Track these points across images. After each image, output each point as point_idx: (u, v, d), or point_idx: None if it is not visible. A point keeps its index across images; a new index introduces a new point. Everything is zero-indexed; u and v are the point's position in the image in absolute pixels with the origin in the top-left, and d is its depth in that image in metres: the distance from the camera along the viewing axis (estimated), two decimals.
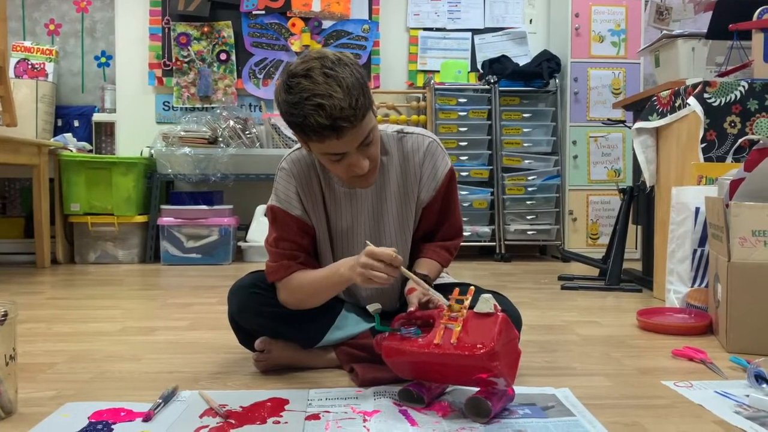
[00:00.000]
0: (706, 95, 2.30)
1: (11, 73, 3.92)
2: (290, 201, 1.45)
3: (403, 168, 1.48)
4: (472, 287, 1.28)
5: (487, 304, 1.18)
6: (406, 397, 1.24)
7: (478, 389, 1.17)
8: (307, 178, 1.45)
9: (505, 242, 4.03)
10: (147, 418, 1.17)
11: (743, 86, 2.29)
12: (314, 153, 1.33)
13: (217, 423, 1.16)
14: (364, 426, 1.14)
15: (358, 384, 1.38)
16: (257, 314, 1.46)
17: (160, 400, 1.24)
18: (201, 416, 1.19)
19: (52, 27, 4.36)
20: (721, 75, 2.51)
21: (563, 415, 1.20)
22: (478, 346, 1.12)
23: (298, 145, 1.46)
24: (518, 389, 1.27)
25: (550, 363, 1.62)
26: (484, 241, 4.03)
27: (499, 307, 1.19)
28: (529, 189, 4.06)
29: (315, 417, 1.19)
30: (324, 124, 1.19)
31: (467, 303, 1.21)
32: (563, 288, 2.86)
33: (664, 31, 2.97)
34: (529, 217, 4.07)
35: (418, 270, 1.46)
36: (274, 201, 1.46)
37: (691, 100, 2.32)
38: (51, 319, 2.18)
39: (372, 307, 1.24)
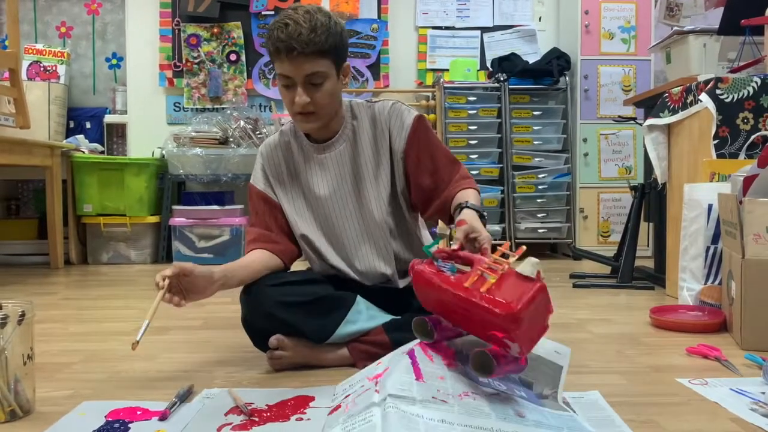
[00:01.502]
0: (718, 91, 2.29)
1: (24, 76, 3.96)
2: (260, 179, 1.64)
3: (372, 129, 1.59)
4: (524, 246, 1.23)
5: (531, 268, 1.11)
6: (418, 328, 1.22)
7: (490, 346, 1.12)
8: (275, 157, 1.63)
9: (516, 240, 4.02)
10: (163, 417, 1.18)
11: (756, 82, 2.28)
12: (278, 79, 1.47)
13: (241, 420, 1.17)
14: (375, 390, 1.10)
15: None
16: (270, 308, 1.47)
17: (176, 399, 1.25)
18: (226, 414, 1.20)
19: (63, 29, 4.39)
20: (734, 71, 2.49)
21: (558, 408, 1.14)
22: (504, 303, 1.07)
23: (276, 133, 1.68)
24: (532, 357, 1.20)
25: None
26: (495, 240, 4.02)
27: (542, 275, 1.12)
28: (540, 187, 4.05)
29: (336, 408, 1.17)
30: (281, 39, 1.38)
31: (512, 260, 1.15)
32: (575, 286, 2.86)
33: (675, 28, 2.95)
34: (539, 215, 4.06)
35: (461, 201, 1.44)
36: (252, 179, 1.67)
37: (703, 97, 2.31)
38: (66, 319, 2.20)
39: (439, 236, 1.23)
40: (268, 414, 1.19)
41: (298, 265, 1.65)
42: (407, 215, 1.63)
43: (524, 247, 1.22)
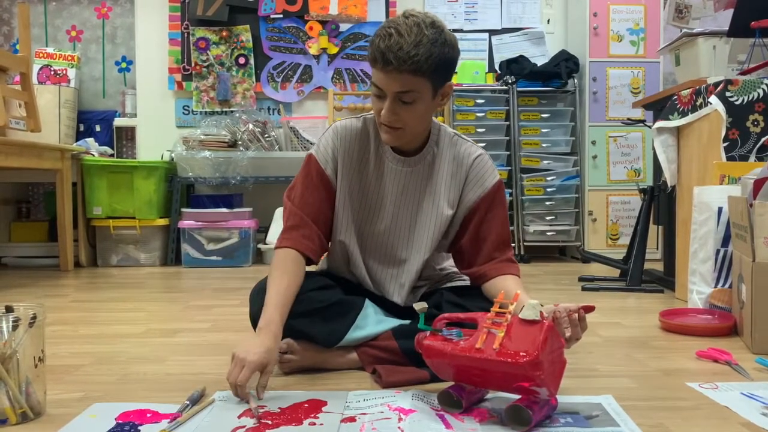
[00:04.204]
0: (728, 93, 2.28)
1: (34, 79, 3.98)
2: (326, 156, 1.53)
3: (451, 166, 1.53)
4: (518, 292, 1.26)
5: (533, 310, 1.15)
6: (445, 400, 1.23)
7: (519, 397, 1.15)
8: (350, 144, 1.53)
9: (525, 243, 4.01)
10: (174, 419, 1.19)
11: (766, 84, 2.27)
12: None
13: (254, 424, 1.17)
14: (399, 427, 1.13)
15: (382, 386, 1.39)
16: None
17: (188, 402, 1.26)
18: (239, 416, 1.20)
19: (73, 33, 4.42)
20: (743, 73, 2.48)
21: (607, 425, 1.16)
22: (521, 353, 1.09)
23: (352, 117, 1.57)
24: (562, 398, 1.24)
25: (573, 364, 1.60)
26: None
27: (545, 314, 1.16)
28: (548, 190, 4.04)
29: (351, 419, 1.18)
30: (380, 49, 1.31)
31: (512, 308, 1.18)
32: (584, 289, 2.85)
33: (684, 30, 2.94)
34: (548, 218, 4.06)
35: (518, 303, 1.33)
36: (314, 150, 1.56)
37: (713, 99, 2.30)
38: (76, 322, 2.21)
39: (418, 306, 1.24)
40: (281, 417, 1.19)
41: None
42: (438, 252, 1.61)
43: (518, 293, 1.24)
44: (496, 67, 4.33)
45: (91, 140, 4.08)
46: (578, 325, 1.21)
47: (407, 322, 1.51)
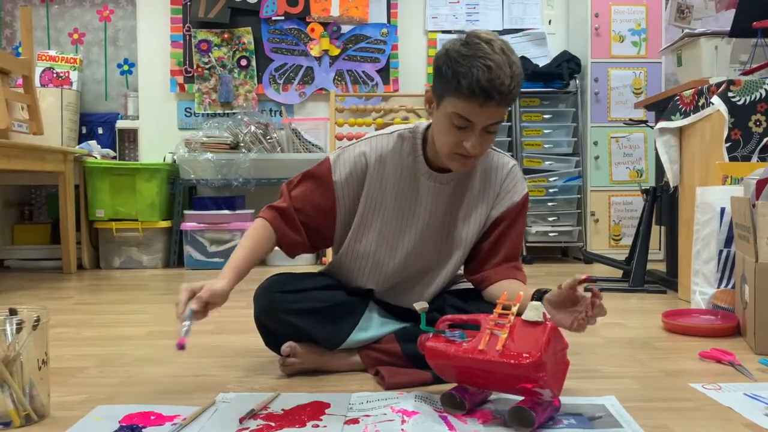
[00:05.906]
0: (730, 94, 2.28)
1: (37, 82, 3.99)
2: (343, 172, 1.47)
3: (483, 179, 1.50)
4: (520, 293, 1.26)
5: (536, 312, 1.14)
6: (448, 401, 1.23)
7: (522, 398, 1.15)
8: (386, 163, 1.47)
9: (527, 244, 4.01)
10: (175, 423, 1.19)
11: None
12: (441, 111, 1.33)
13: (257, 426, 1.17)
14: (402, 429, 1.13)
15: (384, 387, 1.39)
16: (282, 314, 1.48)
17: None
18: (242, 419, 1.20)
19: (75, 36, 4.43)
20: (746, 73, 2.48)
21: (610, 426, 1.15)
22: (524, 355, 1.09)
23: (383, 131, 1.51)
24: (565, 399, 1.24)
25: (576, 365, 1.59)
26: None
27: (548, 316, 1.15)
28: (551, 190, 4.04)
29: (354, 421, 1.18)
30: (481, 84, 1.23)
31: (515, 309, 1.18)
32: (586, 290, 2.83)
33: (686, 30, 2.94)
34: (550, 219, 4.05)
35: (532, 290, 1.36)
36: (332, 158, 1.49)
37: (715, 99, 2.30)
38: (79, 324, 2.21)
39: (419, 305, 1.23)
40: (284, 419, 1.19)
41: (307, 268, 1.65)
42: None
43: (521, 293, 1.24)
44: None
45: (93, 143, 4.09)
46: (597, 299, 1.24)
47: (410, 324, 1.51)
